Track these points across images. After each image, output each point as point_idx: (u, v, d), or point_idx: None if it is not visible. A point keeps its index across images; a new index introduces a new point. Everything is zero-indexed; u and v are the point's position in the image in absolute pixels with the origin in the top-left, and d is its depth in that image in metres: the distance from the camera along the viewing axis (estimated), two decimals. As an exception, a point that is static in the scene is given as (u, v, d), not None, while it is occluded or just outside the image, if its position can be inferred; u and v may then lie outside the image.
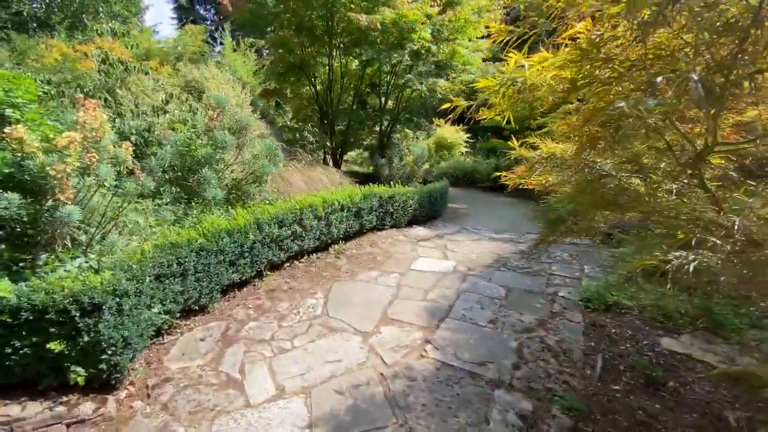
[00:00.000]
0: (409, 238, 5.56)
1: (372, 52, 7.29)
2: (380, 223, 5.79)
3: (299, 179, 5.97)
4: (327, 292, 3.72)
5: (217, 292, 3.38)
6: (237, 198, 5.00)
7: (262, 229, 3.85)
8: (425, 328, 3.06)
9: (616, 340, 2.93)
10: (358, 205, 5.24)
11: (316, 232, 4.58)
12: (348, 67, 10.69)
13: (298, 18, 8.53)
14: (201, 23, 21.81)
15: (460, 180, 13.19)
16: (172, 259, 2.89)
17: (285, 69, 9.69)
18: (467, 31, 8.44)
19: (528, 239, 5.71)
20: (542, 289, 3.81)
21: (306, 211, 4.41)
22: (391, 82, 9.92)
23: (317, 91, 10.15)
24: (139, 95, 6.09)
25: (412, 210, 6.35)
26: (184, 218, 4.09)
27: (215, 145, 4.68)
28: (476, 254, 4.87)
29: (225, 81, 7.40)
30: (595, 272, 4.22)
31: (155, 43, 16.96)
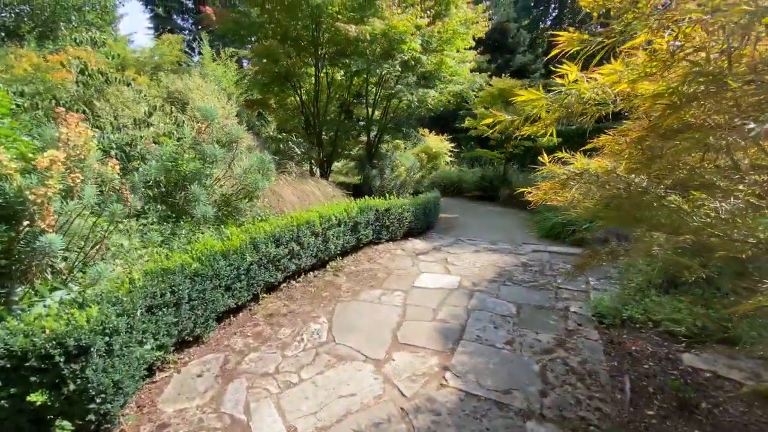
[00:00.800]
0: (407, 252, 5.39)
1: (362, 63, 7.18)
2: (376, 237, 5.62)
3: (290, 193, 5.74)
4: (330, 314, 3.49)
5: (212, 320, 3.11)
6: (227, 215, 4.73)
7: (259, 249, 3.61)
8: (440, 352, 2.88)
9: (638, 358, 2.83)
10: (354, 219, 5.05)
11: (314, 250, 4.36)
12: (334, 77, 10.56)
13: (282, 28, 8.37)
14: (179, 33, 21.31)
15: (448, 189, 13.21)
16: (165, 288, 2.63)
17: (270, 79, 9.48)
18: (455, 42, 8.47)
19: (527, 250, 5.65)
20: (552, 304, 3.71)
21: (303, 228, 4.19)
22: (378, 92, 9.85)
23: (303, 102, 9.96)
24: (119, 107, 5.76)
25: (408, 222, 6.20)
26: (172, 239, 3.81)
27: (204, 160, 4.42)
28: (478, 268, 4.75)
29: (210, 92, 7.12)
30: (601, 284, 4.15)
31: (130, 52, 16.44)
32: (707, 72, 1.11)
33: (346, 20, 7.12)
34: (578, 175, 1.93)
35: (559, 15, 28.39)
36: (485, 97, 11.29)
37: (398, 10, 7.23)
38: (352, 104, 11.85)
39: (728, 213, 1.53)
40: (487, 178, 12.27)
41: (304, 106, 10.04)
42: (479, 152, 12.36)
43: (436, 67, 8.79)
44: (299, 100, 9.91)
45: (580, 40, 1.41)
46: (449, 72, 9.06)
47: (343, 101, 10.66)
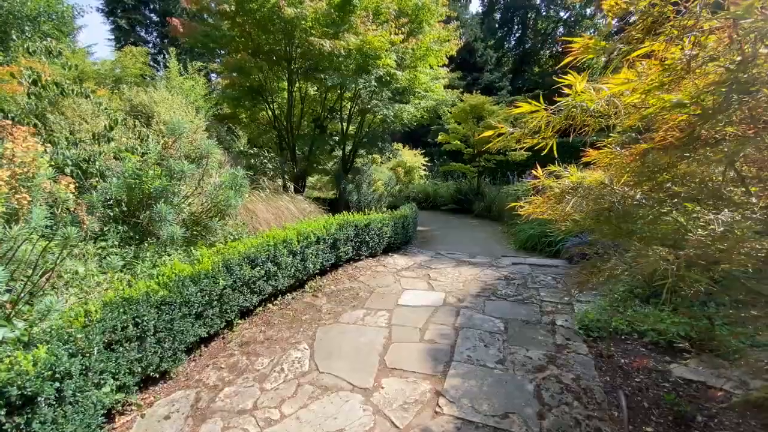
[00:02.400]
0: (388, 269, 5.25)
1: (337, 78, 7.11)
2: (356, 253, 5.45)
3: (265, 210, 5.49)
4: (311, 340, 3.27)
5: (181, 352, 2.82)
6: (198, 235, 4.44)
7: (233, 272, 3.36)
8: (431, 376, 2.73)
9: (629, 371, 2.80)
10: (334, 235, 4.87)
11: (291, 270, 4.13)
12: (307, 92, 10.46)
13: (254, 42, 8.22)
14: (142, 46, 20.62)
15: (423, 203, 13.25)
16: (128, 320, 2.35)
17: (241, 93, 9.27)
18: (429, 59, 8.61)
19: (507, 263, 5.66)
20: (538, 318, 3.66)
21: (280, 247, 3.97)
22: (353, 107, 9.81)
23: (276, 116, 9.76)
24: (77, 121, 5.37)
25: (387, 237, 6.08)
26: (135, 263, 3.50)
27: (171, 176, 4.15)
28: (462, 282, 4.67)
29: (177, 105, 6.81)
30: (583, 295, 4.17)
31: (90, 65, 15.69)
32: (741, 80, 1.08)
33: (320, 35, 7.07)
34: (573, 189, 1.88)
35: (521, 36, 29.81)
36: (457, 113, 11.52)
37: (373, 26, 7.26)
38: (326, 119, 11.76)
39: (727, 225, 1.51)
40: (462, 192, 12.42)
41: (277, 120, 9.84)
42: (453, 166, 12.53)
43: (410, 82, 8.88)
44: (272, 114, 9.71)
45: (597, 48, 1.36)
46: (423, 88, 9.17)
47: (317, 116, 10.55)
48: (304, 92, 9.97)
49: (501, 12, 29.24)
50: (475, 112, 11.36)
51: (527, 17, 29.03)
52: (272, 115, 9.73)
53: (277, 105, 9.99)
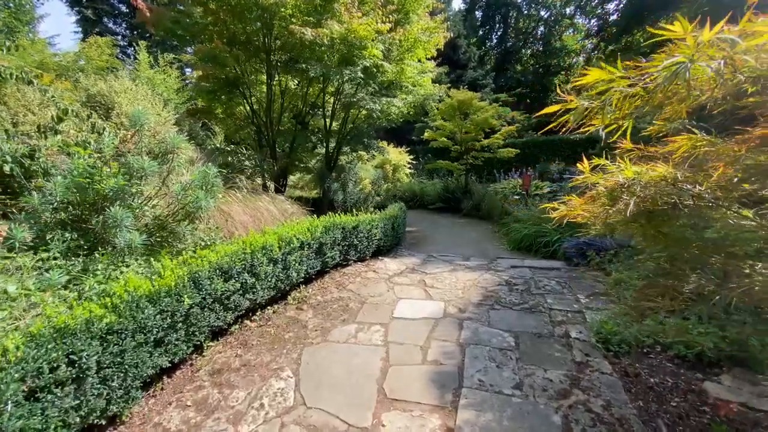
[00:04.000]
0: (379, 275, 4.81)
1: (320, 68, 6.61)
2: (344, 258, 4.99)
3: (242, 212, 4.96)
4: (296, 365, 2.80)
5: (136, 389, 2.30)
6: (162, 242, 3.89)
7: (201, 286, 2.85)
8: (440, 408, 2.32)
9: (662, 393, 2.46)
10: (319, 240, 4.40)
11: (272, 280, 3.64)
12: (288, 85, 9.90)
13: (229, 31, 7.62)
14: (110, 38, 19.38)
15: (410, 202, 12.86)
16: (59, 358, 1.83)
17: (216, 86, 8.62)
18: (417, 51, 8.19)
19: (505, 266, 5.31)
20: (550, 330, 3.30)
21: (258, 255, 3.47)
22: (336, 102, 9.31)
23: (254, 111, 9.16)
24: (21, 111, 4.70)
25: (377, 240, 5.64)
26: (83, 278, 2.94)
27: (130, 174, 3.59)
28: (461, 289, 4.29)
29: (142, 96, 6.16)
30: (592, 302, 3.85)
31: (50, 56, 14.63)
32: None
33: (300, 24, 6.54)
34: (626, 186, 1.50)
35: (503, 34, 29.87)
36: (445, 109, 11.17)
37: (358, 14, 6.79)
38: (308, 115, 11.21)
39: None
40: (450, 190, 12.09)
41: (256, 115, 9.24)
42: (440, 164, 12.17)
43: (397, 76, 8.45)
44: (250, 109, 9.10)
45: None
46: (410, 82, 8.76)
47: (298, 111, 9.99)
48: (285, 86, 9.41)
49: (483, 10, 29.19)
50: (462, 108, 11.04)
51: (508, 15, 29.09)
52: (250, 110, 9.13)
53: (255, 99, 9.39)
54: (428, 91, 9.16)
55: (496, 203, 9.91)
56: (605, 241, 5.16)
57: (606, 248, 4.95)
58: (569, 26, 28.59)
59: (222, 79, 8.52)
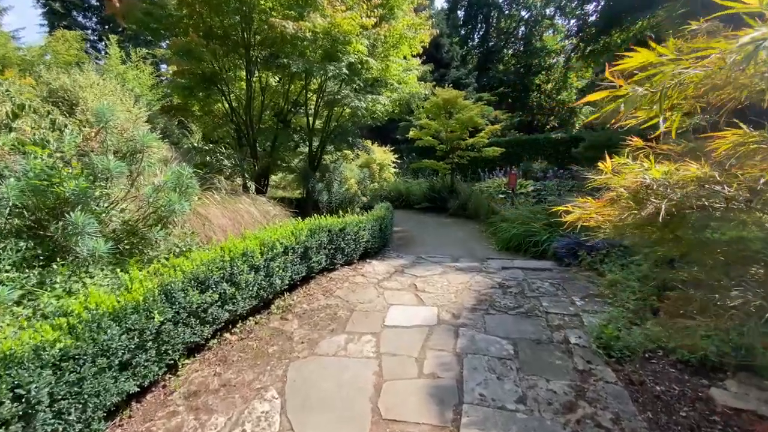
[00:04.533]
0: (368, 279, 4.60)
1: (303, 64, 6.33)
2: (330, 262, 4.75)
3: (220, 215, 4.66)
4: (281, 383, 2.57)
5: (99, 420, 2.03)
6: (133, 249, 3.58)
7: (174, 300, 2.59)
8: (441, 428, 2.13)
9: (669, 402, 2.35)
10: (304, 244, 4.15)
11: (253, 289, 3.39)
12: (269, 82, 9.56)
13: (206, 25, 7.25)
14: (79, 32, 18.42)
15: (396, 202, 12.67)
16: (1, 393, 1.56)
17: (192, 81, 8.20)
18: (402, 47, 8.00)
19: (496, 267, 5.18)
20: (549, 335, 3.17)
21: (238, 262, 3.21)
22: (319, 100, 9.04)
23: (233, 109, 8.79)
24: (-30, 107, 4.26)
25: (365, 242, 5.43)
26: (39, 292, 2.62)
27: (94, 176, 3.28)
28: (453, 293, 4.12)
29: (110, 91, 5.76)
30: (588, 305, 3.75)
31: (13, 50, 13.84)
32: None
33: (282, 17, 6.26)
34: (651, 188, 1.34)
35: (485, 34, 30.06)
36: (430, 107, 11.03)
37: (342, 7, 6.55)
38: (290, 112, 10.89)
39: None
40: (435, 189, 11.97)
41: (235, 113, 8.86)
42: (426, 163, 12.04)
43: (382, 73, 8.25)
44: (228, 106, 8.72)
45: None
46: (396, 79, 8.58)
47: (279, 109, 9.66)
48: (265, 83, 9.08)
49: (465, 9, 29.29)
50: (448, 107, 10.94)
51: (490, 15, 29.29)
52: (229, 108, 8.75)
53: (234, 96, 9.01)
54: (414, 89, 8.98)
55: (483, 202, 9.84)
56: (596, 240, 5.10)
57: (597, 248, 4.88)
58: (549, 27, 29.01)
59: (198, 75, 8.11)
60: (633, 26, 19.18)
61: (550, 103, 27.88)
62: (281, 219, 5.56)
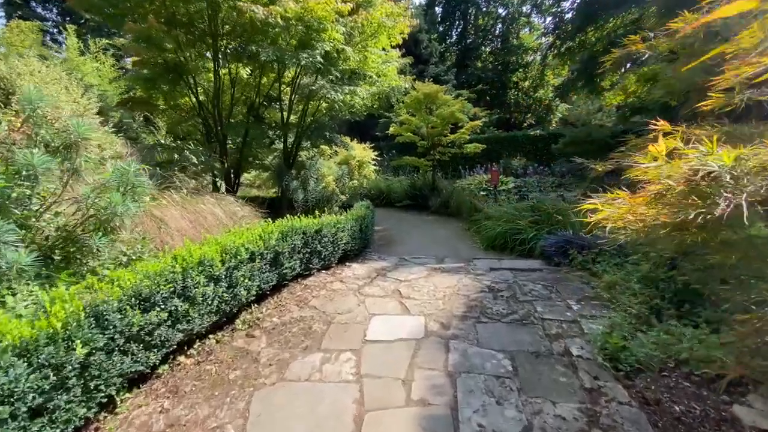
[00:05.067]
0: (348, 285, 4.20)
1: (273, 52, 5.84)
2: (305, 267, 4.32)
3: (180, 216, 4.15)
4: (243, 420, 2.14)
5: (-9, 490, 1.56)
6: (70, 259, 3.06)
7: (108, 323, 2.11)
8: (435, 473, 1.77)
9: (692, 425, 2.07)
10: (275, 248, 3.71)
11: (213, 303, 2.93)
12: (239, 74, 8.98)
13: (168, 11, 6.65)
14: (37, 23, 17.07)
15: (376, 200, 12.30)
16: None
17: (155, 73, 7.57)
18: (381, 37, 7.60)
19: (483, 268, 4.88)
20: (548, 347, 2.87)
21: (193, 272, 2.75)
22: (293, 93, 8.53)
23: (201, 102, 8.17)
24: None
25: (344, 244, 5.02)
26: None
27: (18, 172, 2.76)
28: (440, 299, 3.78)
29: (53, 80, 5.11)
30: (585, 309, 3.48)
31: (-40, 41, 12.68)
32: None
33: (250, 1, 5.76)
34: (717, 178, 1.02)
35: (463, 31, 30.03)
36: (410, 102, 10.68)
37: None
38: (262, 106, 10.32)
39: None
40: (417, 187, 11.65)
41: (203, 107, 8.25)
42: (407, 160, 11.70)
43: (360, 65, 7.84)
44: (196, 100, 8.10)
45: None
46: (375, 71, 8.18)
47: (251, 103, 9.09)
48: (236, 74, 8.51)
49: (443, 5, 29.13)
50: (428, 102, 10.62)
51: (468, 12, 29.24)
52: (196, 101, 8.12)
53: (203, 89, 8.41)
54: (394, 82, 8.61)
55: (465, 200, 9.59)
56: (586, 238, 4.88)
57: (588, 246, 4.66)
58: (526, 24, 29.24)
59: (161, 65, 7.49)
60: (607, 24, 19.48)
61: (527, 101, 28.16)
62: (251, 220, 5.08)
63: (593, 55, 19.44)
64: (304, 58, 5.89)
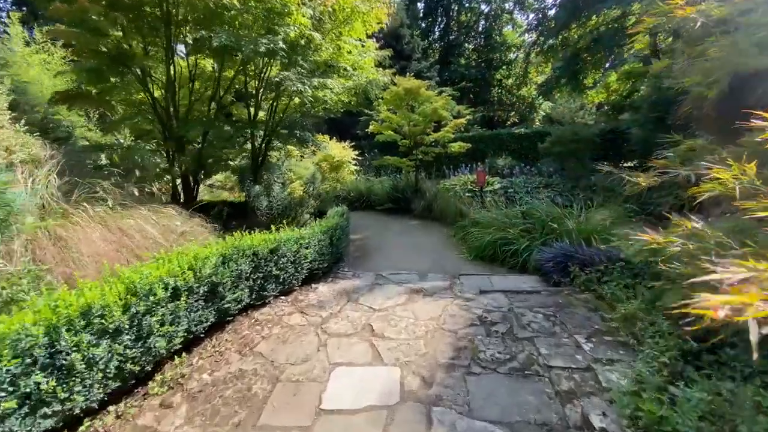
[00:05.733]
0: (308, 316, 3.44)
1: (227, 37, 5.00)
2: (258, 296, 3.54)
3: (98, 237, 3.31)
4: None
5: None
6: None
7: None
8: None
9: None
10: (210, 279, 2.91)
11: (110, 366, 2.13)
12: (203, 67, 8.10)
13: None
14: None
15: (356, 203, 11.53)
16: None
17: (102, 63, 6.64)
18: (355, 24, 6.83)
19: (472, 288, 4.18)
20: (561, 413, 2.18)
21: (65, 333, 1.94)
22: (262, 87, 7.69)
23: (155, 98, 7.24)
24: None
25: (309, 262, 4.25)
26: None
27: None
28: (422, 338, 3.06)
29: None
30: (599, 348, 2.82)
31: None
32: None
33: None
34: None
35: (446, 27, 29.48)
36: (391, 98, 9.91)
37: (276, -32, 5.30)
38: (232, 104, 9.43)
39: None
40: (399, 189, 10.91)
41: (158, 103, 7.33)
42: (388, 160, 10.95)
43: (334, 56, 7.06)
44: (149, 94, 7.17)
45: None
46: (350, 63, 7.41)
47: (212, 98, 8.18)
48: (194, 66, 7.61)
49: (425, 1, 28.49)
50: (410, 98, 9.89)
51: (450, 8, 28.70)
52: (151, 97, 7.19)
53: (161, 83, 7.47)
54: (371, 75, 7.85)
55: (450, 203, 8.92)
56: (588, 251, 4.25)
57: (592, 262, 4.02)
58: (509, 21, 28.90)
59: (104, 55, 6.56)
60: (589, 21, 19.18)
61: (510, 99, 27.86)
62: (197, 237, 4.24)
63: (576, 53, 19.17)
64: (263, 44, 5.07)
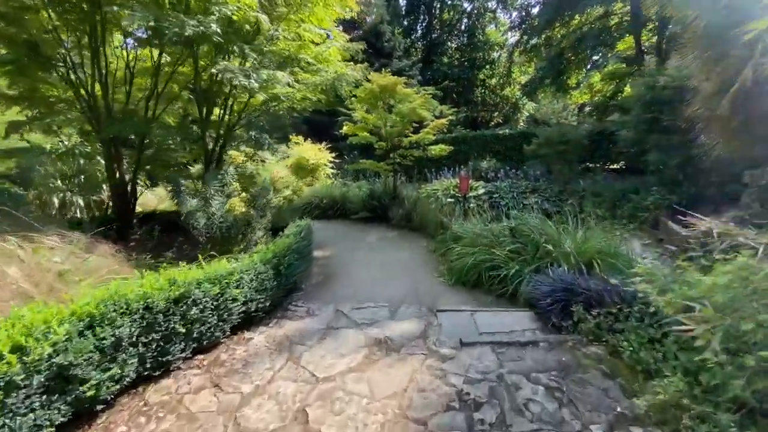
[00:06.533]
0: (223, 395, 2.46)
1: (143, 15, 3.99)
2: (156, 363, 2.56)
3: None
4: None
5: None
6: None
7: None
8: None
9: None
10: (50, 361, 1.93)
11: None
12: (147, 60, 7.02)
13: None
14: None
15: (329, 211, 10.53)
16: None
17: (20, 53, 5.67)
18: (315, 9, 5.87)
19: (451, 340, 3.28)
20: None
21: None
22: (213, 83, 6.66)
23: (81, 95, 6.16)
24: None
25: (242, 304, 3.28)
26: None
27: None
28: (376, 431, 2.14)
29: None
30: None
31: None
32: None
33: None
34: None
35: (428, 25, 28.76)
36: (365, 96, 8.93)
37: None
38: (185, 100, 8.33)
39: None
40: (376, 196, 9.94)
41: (84, 99, 6.24)
42: (364, 164, 9.99)
43: (294, 46, 6.09)
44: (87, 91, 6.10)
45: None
46: (313, 56, 6.45)
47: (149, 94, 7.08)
48: (133, 58, 6.54)
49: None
50: (386, 96, 8.96)
51: (433, 6, 27.98)
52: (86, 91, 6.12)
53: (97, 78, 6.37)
54: (338, 69, 6.90)
55: (431, 213, 8.04)
56: (594, 285, 3.39)
57: (600, 301, 3.17)
58: (492, 20, 28.35)
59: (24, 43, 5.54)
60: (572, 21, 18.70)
61: (494, 99, 27.32)
62: (95, 273, 3.22)
63: (560, 52, 18.66)
64: (191, 26, 4.05)
